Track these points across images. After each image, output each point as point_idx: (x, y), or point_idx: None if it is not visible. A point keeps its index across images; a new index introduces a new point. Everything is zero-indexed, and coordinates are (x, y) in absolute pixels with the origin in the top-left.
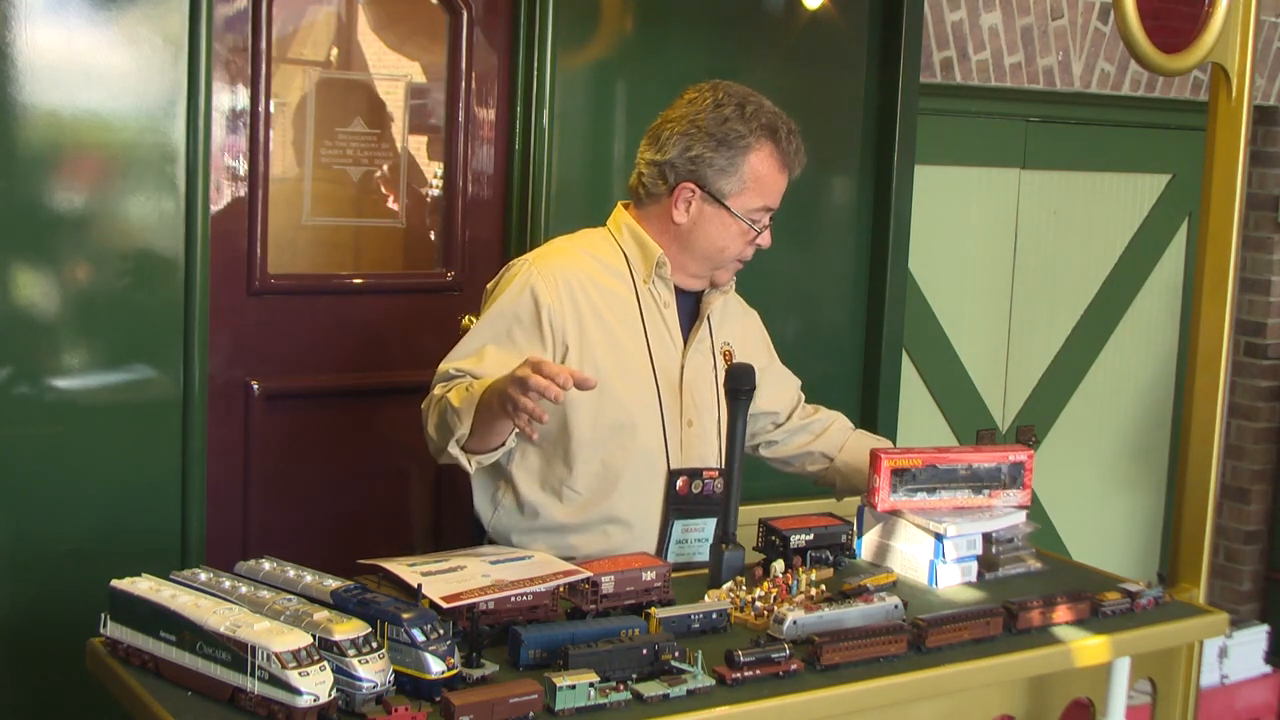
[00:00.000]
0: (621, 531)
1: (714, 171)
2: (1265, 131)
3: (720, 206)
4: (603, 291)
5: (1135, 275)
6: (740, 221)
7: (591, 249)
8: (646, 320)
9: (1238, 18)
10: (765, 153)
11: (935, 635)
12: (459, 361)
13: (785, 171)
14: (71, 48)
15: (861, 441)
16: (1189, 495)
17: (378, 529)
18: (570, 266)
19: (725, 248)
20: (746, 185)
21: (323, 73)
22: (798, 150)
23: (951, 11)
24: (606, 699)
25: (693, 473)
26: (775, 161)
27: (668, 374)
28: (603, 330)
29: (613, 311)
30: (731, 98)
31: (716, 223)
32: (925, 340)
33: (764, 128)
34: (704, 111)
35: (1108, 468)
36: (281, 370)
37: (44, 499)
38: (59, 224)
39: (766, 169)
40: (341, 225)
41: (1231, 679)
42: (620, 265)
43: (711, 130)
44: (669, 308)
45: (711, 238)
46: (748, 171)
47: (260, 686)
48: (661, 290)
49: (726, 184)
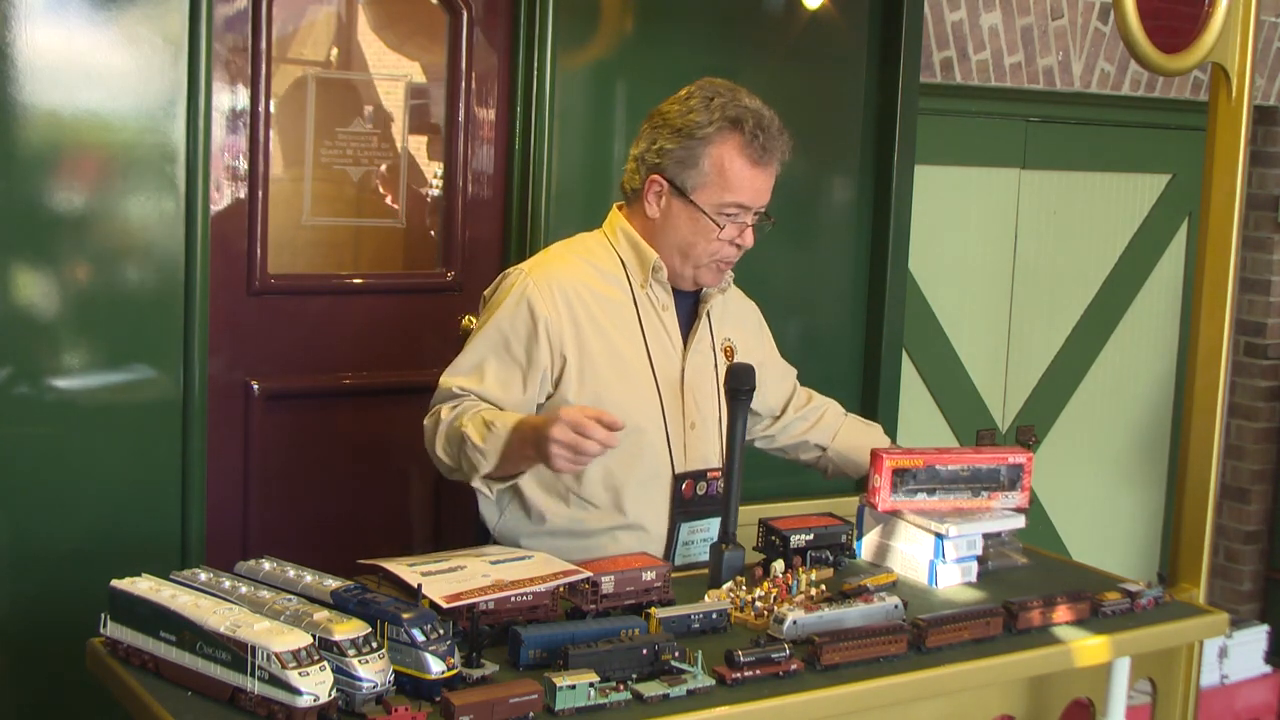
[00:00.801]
0: (629, 536)
1: (674, 163)
2: (1265, 131)
3: (686, 201)
4: (600, 299)
5: (1135, 275)
6: (705, 217)
7: (588, 255)
8: (645, 325)
9: (1238, 18)
10: (730, 146)
11: (935, 635)
12: (460, 379)
13: (758, 167)
14: (71, 48)
15: (853, 428)
16: (1189, 495)
17: (378, 529)
18: (566, 275)
19: (694, 243)
20: (710, 179)
21: (323, 73)
22: (769, 144)
23: (951, 11)
24: (606, 699)
25: (696, 475)
26: (742, 156)
27: (669, 378)
28: (601, 339)
29: (610, 319)
30: (703, 90)
31: (685, 217)
32: (925, 340)
33: (727, 119)
34: (675, 104)
35: (1108, 468)
36: (281, 370)
37: (44, 499)
38: (59, 224)
39: (730, 162)
40: (341, 225)
41: (1231, 679)
42: (617, 270)
43: (674, 122)
44: (667, 310)
45: (681, 232)
46: (709, 164)
47: (260, 686)
48: (659, 293)
49: (689, 177)
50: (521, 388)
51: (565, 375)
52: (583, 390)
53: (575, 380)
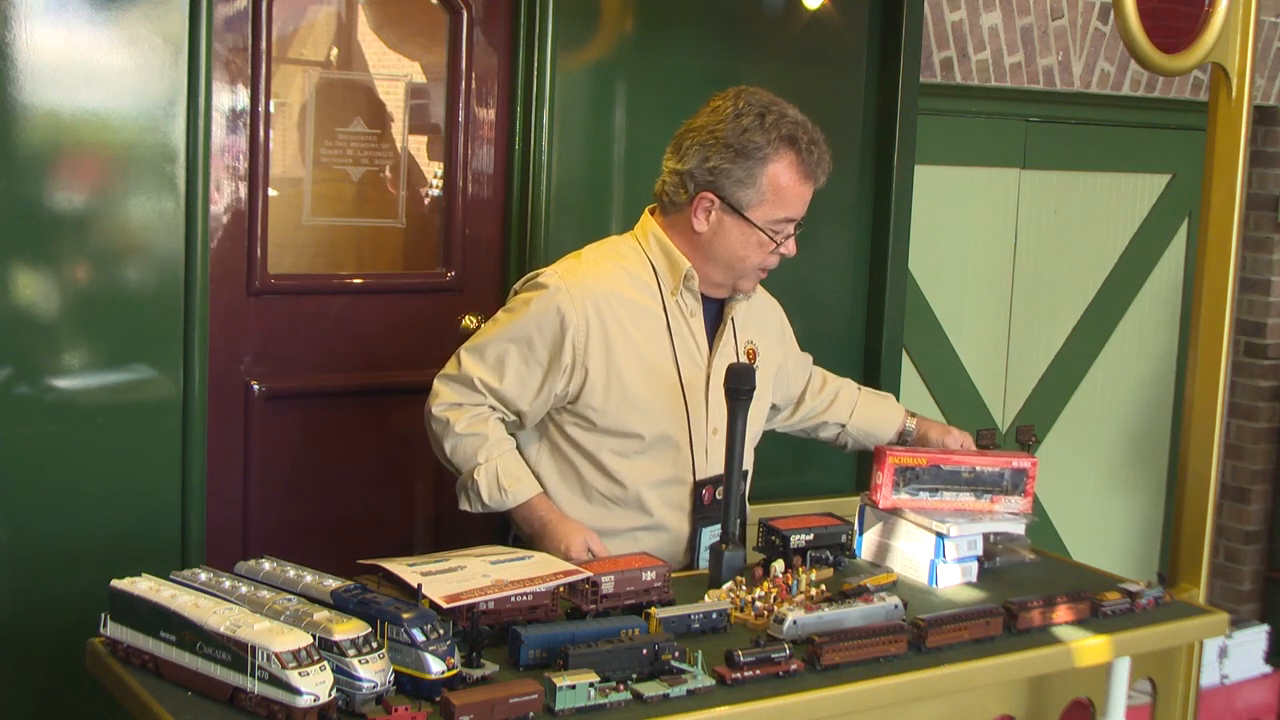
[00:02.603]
0: (651, 537)
1: (732, 182)
2: (1265, 131)
3: (739, 217)
4: (630, 305)
5: (1135, 275)
6: (760, 232)
7: (621, 260)
8: (674, 331)
9: (1238, 18)
10: (785, 164)
11: (935, 635)
12: (482, 371)
13: (808, 181)
14: (71, 48)
15: (869, 402)
16: (1189, 495)
17: (378, 529)
18: (600, 284)
19: (746, 257)
20: (766, 196)
21: (323, 73)
22: (820, 159)
23: (951, 11)
24: (606, 699)
25: (716, 480)
26: (796, 172)
27: (694, 384)
28: (630, 347)
29: (639, 326)
30: (752, 107)
31: (736, 233)
32: (925, 340)
33: (784, 138)
34: (724, 121)
35: (1108, 467)
36: (281, 370)
37: (44, 499)
38: (59, 224)
39: (787, 180)
40: (341, 225)
41: (1231, 679)
42: (648, 277)
43: (730, 141)
44: (695, 316)
45: (732, 247)
46: (766, 183)
47: (260, 686)
48: (688, 300)
49: (745, 195)
50: (537, 391)
51: (589, 384)
52: (609, 398)
53: (601, 389)
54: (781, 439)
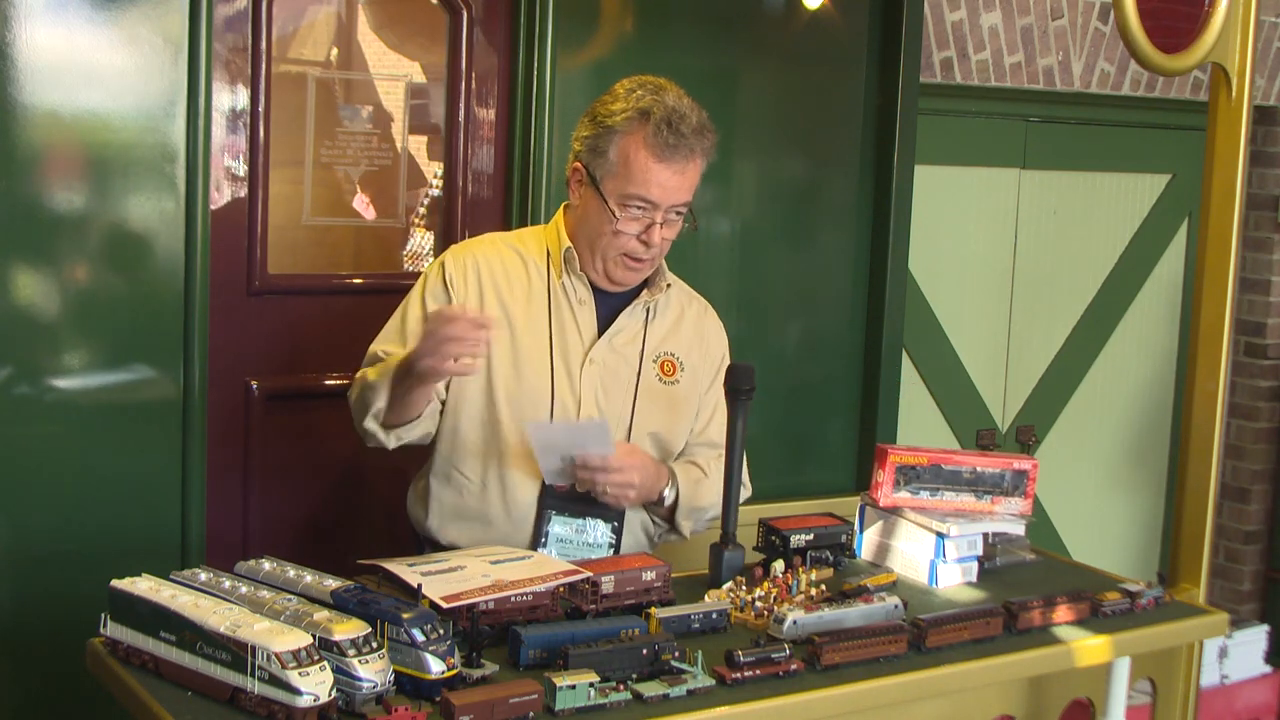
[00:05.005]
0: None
1: (588, 151)
2: (1265, 131)
3: (595, 189)
4: (512, 281)
5: (1135, 275)
6: (606, 206)
7: (517, 242)
8: (554, 314)
9: (1238, 18)
10: (636, 137)
11: (935, 635)
12: (384, 345)
13: (664, 163)
14: (71, 48)
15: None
16: (1189, 495)
17: (378, 529)
18: (485, 255)
19: (600, 234)
20: (616, 169)
21: (323, 73)
22: (677, 141)
23: (951, 11)
24: (606, 699)
25: None
26: (646, 149)
27: (567, 370)
28: (503, 317)
29: (518, 301)
30: (632, 82)
31: (594, 206)
32: (925, 340)
33: (638, 110)
34: (606, 94)
35: (1107, 468)
36: (281, 370)
37: (44, 499)
38: (59, 224)
39: (636, 155)
40: (341, 225)
41: (1231, 679)
42: (540, 258)
43: (594, 111)
44: (584, 305)
45: (590, 221)
46: (616, 154)
47: (260, 686)
48: (578, 288)
49: (599, 165)
50: None
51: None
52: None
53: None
54: (782, 439)
